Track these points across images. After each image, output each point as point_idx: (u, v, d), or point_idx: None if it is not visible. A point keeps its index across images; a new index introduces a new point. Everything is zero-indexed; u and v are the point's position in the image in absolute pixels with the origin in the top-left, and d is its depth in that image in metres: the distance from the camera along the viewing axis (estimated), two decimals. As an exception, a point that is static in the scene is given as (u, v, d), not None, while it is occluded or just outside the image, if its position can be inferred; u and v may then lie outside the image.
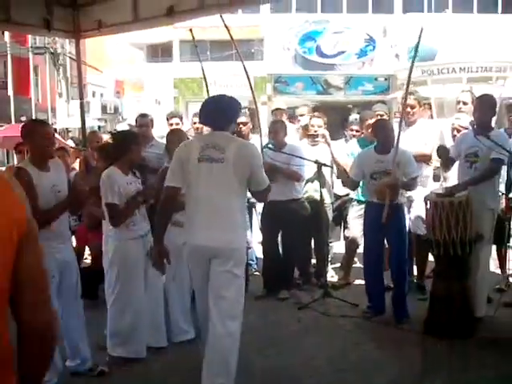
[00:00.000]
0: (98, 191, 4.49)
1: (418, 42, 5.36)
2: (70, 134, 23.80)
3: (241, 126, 6.65)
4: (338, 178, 6.51)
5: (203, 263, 3.85)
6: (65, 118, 26.85)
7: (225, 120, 3.95)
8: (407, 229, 5.70)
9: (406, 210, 5.67)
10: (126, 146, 4.56)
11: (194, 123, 7.57)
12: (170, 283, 4.96)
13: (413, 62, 5.69)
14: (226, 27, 5.78)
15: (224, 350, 3.75)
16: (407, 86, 5.57)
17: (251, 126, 6.98)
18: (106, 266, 4.54)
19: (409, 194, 5.62)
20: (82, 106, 7.22)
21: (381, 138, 5.46)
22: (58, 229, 4.06)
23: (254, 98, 6.39)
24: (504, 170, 5.41)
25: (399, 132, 5.24)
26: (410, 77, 5.63)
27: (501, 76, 18.93)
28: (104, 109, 30.33)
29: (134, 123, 7.69)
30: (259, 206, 6.61)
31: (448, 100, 15.47)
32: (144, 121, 6.92)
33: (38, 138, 4.02)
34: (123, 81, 31.83)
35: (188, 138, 5.30)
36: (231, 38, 5.92)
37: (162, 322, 4.77)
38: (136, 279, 4.48)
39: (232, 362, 3.75)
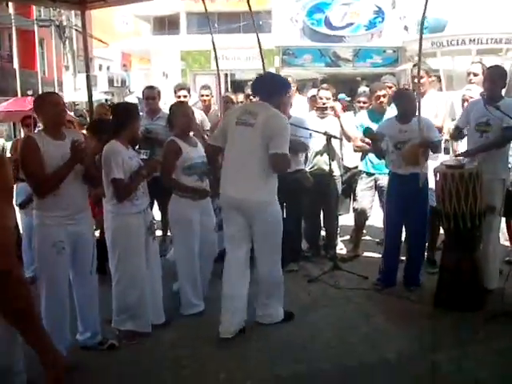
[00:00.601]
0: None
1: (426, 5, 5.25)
2: (77, 107, 23.75)
3: (251, 97, 6.71)
4: (354, 151, 6.42)
5: (234, 213, 4.50)
6: (72, 92, 26.75)
7: (267, 94, 4.56)
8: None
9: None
10: (128, 120, 4.48)
11: (202, 96, 7.53)
12: (180, 255, 4.96)
13: (422, 21, 5.63)
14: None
15: (275, 280, 4.63)
16: (419, 57, 5.47)
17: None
18: (108, 242, 4.48)
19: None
20: (88, 78, 7.15)
21: (403, 107, 5.42)
22: (70, 198, 4.01)
23: (264, 69, 6.33)
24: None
25: (419, 100, 5.23)
26: (421, 44, 5.55)
27: (511, 48, 18.67)
28: (111, 82, 30.13)
29: (141, 96, 7.63)
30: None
31: (457, 72, 15.30)
32: (151, 93, 6.90)
33: (49, 107, 3.99)
34: (130, 54, 31.67)
35: (193, 112, 5.25)
36: (249, 7, 5.87)
37: (160, 299, 4.72)
38: (138, 254, 4.43)
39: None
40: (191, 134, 5.11)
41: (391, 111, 6.17)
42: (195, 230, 4.89)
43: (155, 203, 6.22)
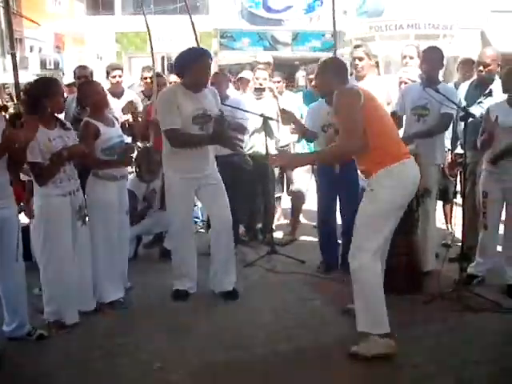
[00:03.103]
0: None
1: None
2: (8, 91, 22.83)
3: None
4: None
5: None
6: (0, 73, 25.70)
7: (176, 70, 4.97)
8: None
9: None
10: (36, 100, 4.15)
11: (145, 78, 7.28)
12: (99, 240, 4.65)
13: None
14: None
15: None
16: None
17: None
18: (32, 224, 4.27)
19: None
20: (13, 57, 6.75)
21: None
22: None
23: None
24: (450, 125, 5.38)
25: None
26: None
27: (448, 34, 19.01)
28: (43, 64, 28.99)
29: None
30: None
31: (395, 58, 15.45)
32: (83, 73, 6.66)
33: None
34: (63, 35, 30.65)
35: (103, 88, 4.97)
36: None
37: (90, 285, 4.55)
38: (62, 238, 4.20)
39: None
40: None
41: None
42: (115, 213, 4.69)
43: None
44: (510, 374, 3.62)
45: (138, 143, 6.61)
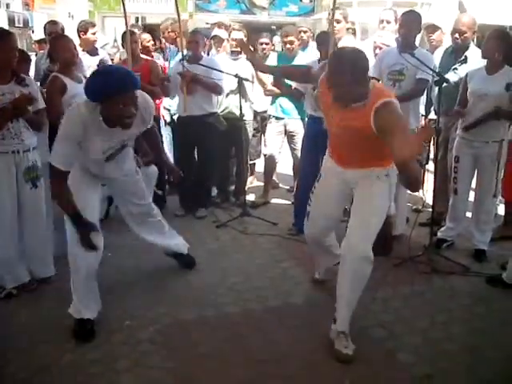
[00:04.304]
0: None
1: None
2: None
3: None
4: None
5: None
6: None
7: None
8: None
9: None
10: None
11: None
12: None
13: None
14: None
15: None
16: None
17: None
18: None
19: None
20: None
21: (324, 50, 5.26)
22: None
23: (178, 14, 6.03)
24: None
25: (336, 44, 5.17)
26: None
27: (426, 2, 18.90)
28: (12, 21, 28.27)
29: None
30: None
31: (372, 25, 15.36)
32: (53, 28, 6.46)
33: None
34: (33, -8, 29.84)
35: (75, 45, 4.84)
36: None
37: (46, 249, 4.37)
38: (4, 199, 4.01)
39: None
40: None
41: (303, 55, 6.06)
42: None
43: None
44: (478, 334, 3.70)
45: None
